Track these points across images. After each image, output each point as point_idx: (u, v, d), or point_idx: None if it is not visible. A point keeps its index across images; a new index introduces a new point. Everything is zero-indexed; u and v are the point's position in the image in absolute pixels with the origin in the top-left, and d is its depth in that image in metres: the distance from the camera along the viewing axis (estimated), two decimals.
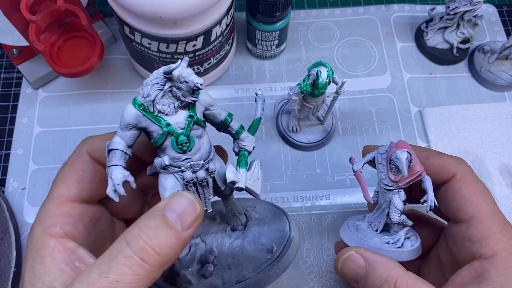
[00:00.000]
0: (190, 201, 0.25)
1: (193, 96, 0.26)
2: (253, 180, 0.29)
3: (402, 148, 0.31)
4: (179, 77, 0.25)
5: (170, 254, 0.24)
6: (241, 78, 0.56)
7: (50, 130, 0.52)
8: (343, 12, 0.60)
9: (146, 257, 0.23)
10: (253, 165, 0.30)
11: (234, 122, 0.30)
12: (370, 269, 0.30)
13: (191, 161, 0.28)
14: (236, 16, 0.57)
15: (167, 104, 0.26)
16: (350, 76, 0.56)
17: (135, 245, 0.23)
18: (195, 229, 0.25)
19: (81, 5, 0.47)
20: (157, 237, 0.23)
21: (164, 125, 0.26)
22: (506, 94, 0.55)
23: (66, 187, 0.29)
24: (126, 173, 0.26)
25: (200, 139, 0.28)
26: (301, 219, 0.48)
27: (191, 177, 0.28)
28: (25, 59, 0.53)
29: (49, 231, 0.27)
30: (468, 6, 0.51)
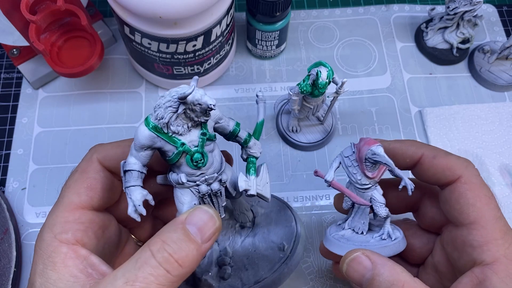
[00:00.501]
0: (209, 215, 0.27)
1: (206, 115, 0.27)
2: (262, 185, 0.31)
3: (374, 143, 0.31)
4: (193, 100, 0.26)
5: (192, 265, 0.26)
6: (241, 78, 0.56)
7: (50, 130, 0.52)
8: (343, 12, 0.60)
9: (170, 269, 0.24)
10: (261, 170, 0.32)
11: (242, 131, 0.31)
12: (376, 272, 0.29)
13: (205, 175, 0.29)
14: (236, 16, 0.57)
15: (181, 125, 0.27)
16: (350, 76, 0.56)
17: (161, 257, 0.24)
18: (214, 241, 0.27)
19: (81, 5, 0.47)
20: (180, 250, 0.25)
21: (179, 145, 0.27)
22: (506, 94, 0.55)
23: (77, 194, 0.29)
24: (144, 192, 0.28)
25: (212, 153, 0.29)
26: (301, 219, 0.48)
27: (207, 190, 0.29)
28: (25, 59, 0.53)
29: (61, 237, 0.27)
30: (468, 6, 0.52)
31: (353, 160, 0.32)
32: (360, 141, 0.32)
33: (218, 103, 0.53)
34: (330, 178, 0.34)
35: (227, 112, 0.53)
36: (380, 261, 0.29)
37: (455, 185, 0.31)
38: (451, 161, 0.32)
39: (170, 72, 0.50)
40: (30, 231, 0.47)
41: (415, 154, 0.33)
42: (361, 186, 0.33)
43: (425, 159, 0.33)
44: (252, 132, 0.33)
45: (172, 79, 0.51)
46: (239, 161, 0.51)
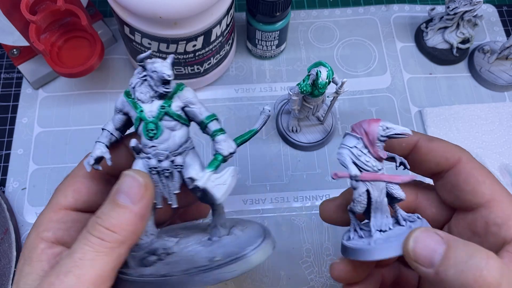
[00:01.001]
0: (131, 176, 0.27)
1: (164, 87, 0.28)
2: (216, 183, 0.29)
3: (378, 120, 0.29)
4: (151, 67, 0.28)
5: (128, 229, 0.26)
6: (241, 78, 0.56)
7: (50, 130, 0.52)
8: (343, 12, 0.60)
9: (103, 236, 0.25)
10: (225, 170, 0.30)
11: (214, 123, 0.30)
12: (449, 245, 0.25)
13: (157, 149, 0.29)
14: (236, 16, 0.57)
15: (144, 92, 0.28)
16: (350, 76, 0.56)
17: (92, 229, 0.25)
18: (147, 200, 0.27)
19: (81, 5, 0.47)
20: (109, 218, 0.26)
21: (138, 111, 0.29)
22: (506, 94, 0.55)
23: (64, 196, 0.30)
24: (104, 150, 0.29)
25: (172, 131, 0.29)
26: (301, 219, 0.48)
27: (155, 165, 0.29)
28: (25, 59, 0.53)
29: (42, 235, 0.29)
30: (468, 6, 0.52)
31: (362, 147, 0.29)
32: (359, 126, 0.30)
33: (218, 103, 0.54)
34: (357, 172, 0.29)
35: (227, 112, 0.53)
36: (451, 236, 0.25)
37: (459, 167, 0.30)
38: (448, 145, 0.31)
39: None
40: None
41: (411, 139, 0.32)
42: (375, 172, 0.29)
43: (422, 143, 0.31)
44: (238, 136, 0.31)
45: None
46: None
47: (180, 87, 0.29)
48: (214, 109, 0.53)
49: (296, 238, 0.47)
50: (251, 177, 0.50)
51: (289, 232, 0.47)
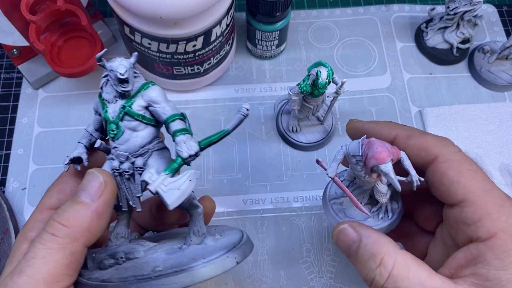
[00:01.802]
0: (92, 174, 0.27)
1: (122, 86, 0.28)
2: (169, 188, 0.27)
3: (384, 159, 0.28)
4: (109, 65, 0.27)
5: (82, 225, 0.26)
6: (241, 78, 0.56)
7: (50, 130, 0.52)
8: (343, 12, 0.60)
9: (55, 231, 0.25)
10: (183, 174, 0.28)
11: (176, 123, 0.28)
12: (360, 243, 0.30)
13: (118, 150, 0.28)
14: (236, 16, 0.57)
15: (109, 92, 0.28)
16: (350, 76, 0.56)
17: (47, 224, 0.26)
18: (106, 197, 0.27)
19: (81, 5, 0.47)
20: (64, 213, 0.26)
21: (104, 111, 0.29)
22: (506, 94, 0.55)
23: (49, 196, 0.31)
24: (82, 151, 0.30)
25: (134, 132, 0.28)
26: (301, 219, 0.48)
27: (116, 166, 0.29)
28: (25, 59, 0.53)
29: (26, 235, 0.29)
30: (468, 6, 0.52)
31: (360, 160, 0.30)
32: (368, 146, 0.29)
33: (218, 103, 0.54)
34: (332, 174, 0.31)
35: (227, 112, 0.53)
36: (365, 233, 0.30)
37: (434, 166, 0.30)
38: (427, 140, 0.31)
39: (170, 72, 0.50)
40: None
41: (388, 136, 0.32)
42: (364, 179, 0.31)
43: (399, 140, 0.32)
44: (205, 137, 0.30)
45: (172, 79, 0.51)
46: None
47: (145, 86, 0.29)
48: (214, 109, 0.53)
49: (296, 238, 0.47)
50: (251, 177, 0.50)
51: (289, 232, 0.47)
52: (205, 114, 0.53)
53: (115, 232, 0.31)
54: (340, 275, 0.45)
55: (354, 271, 0.37)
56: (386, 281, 0.27)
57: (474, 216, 0.28)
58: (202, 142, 0.29)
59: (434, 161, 0.30)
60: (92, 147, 0.31)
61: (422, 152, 0.31)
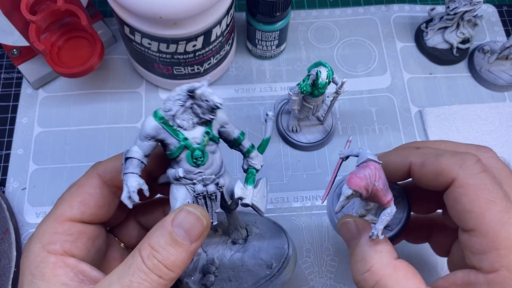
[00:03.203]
0: (196, 216, 0.27)
1: (212, 114, 0.28)
2: (259, 198, 0.31)
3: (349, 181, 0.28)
4: (201, 95, 0.27)
5: (182, 267, 0.27)
6: (241, 78, 0.56)
7: (50, 130, 0.52)
8: (343, 12, 0.60)
9: (162, 274, 0.26)
10: (260, 183, 0.32)
11: (245, 140, 0.31)
12: (358, 242, 0.30)
13: (203, 175, 0.29)
14: (236, 16, 0.57)
15: (186, 119, 0.28)
16: (350, 76, 0.56)
17: (151, 264, 0.26)
18: (202, 240, 0.28)
19: (81, 5, 0.47)
20: (169, 256, 0.26)
21: (182, 139, 0.28)
22: (506, 94, 0.55)
23: (70, 207, 0.29)
24: (141, 181, 0.28)
25: (214, 154, 0.29)
26: (301, 219, 0.48)
27: (202, 190, 0.29)
28: (25, 59, 0.53)
29: (49, 248, 0.27)
30: (468, 6, 0.52)
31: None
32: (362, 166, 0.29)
33: None
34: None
35: (227, 112, 0.53)
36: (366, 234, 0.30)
37: (449, 191, 0.29)
38: (442, 163, 0.29)
39: (170, 72, 0.50)
40: (30, 231, 0.47)
41: (403, 166, 0.31)
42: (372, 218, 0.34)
43: (414, 169, 0.30)
44: (257, 145, 0.33)
45: (172, 79, 0.51)
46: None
47: None
48: None
49: (296, 238, 0.47)
50: None
51: (289, 232, 0.47)
52: None
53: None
54: (340, 275, 0.45)
55: None
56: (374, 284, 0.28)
57: (480, 248, 0.27)
58: (261, 152, 0.33)
59: (452, 185, 0.28)
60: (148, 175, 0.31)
61: (440, 178, 0.29)
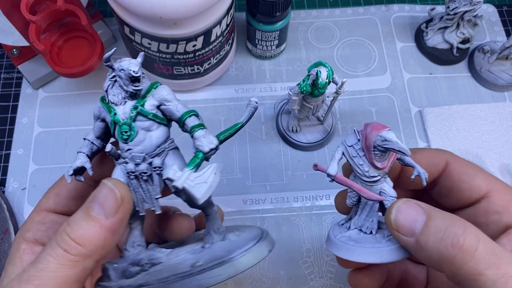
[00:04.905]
0: (108, 188, 0.26)
1: (134, 85, 0.27)
2: (196, 182, 0.27)
3: (382, 128, 0.27)
4: (118, 65, 0.27)
5: (96, 243, 0.25)
6: (241, 78, 0.56)
7: (50, 130, 0.52)
8: (343, 12, 0.60)
9: (68, 248, 0.24)
10: (207, 168, 0.27)
11: (192, 119, 0.28)
12: (430, 214, 0.26)
13: (132, 152, 0.28)
14: (236, 16, 0.57)
15: (116, 94, 0.28)
16: (350, 76, 0.56)
17: (59, 238, 0.25)
18: (122, 215, 0.26)
19: (81, 5, 0.47)
20: (78, 229, 0.25)
21: (112, 114, 0.28)
22: (506, 94, 0.55)
23: (46, 198, 0.31)
24: (84, 160, 0.29)
25: (148, 132, 0.28)
26: (301, 219, 0.48)
27: (132, 169, 0.28)
28: (25, 59, 0.53)
29: (24, 236, 0.29)
30: (468, 6, 0.52)
31: (359, 149, 0.28)
32: (366, 127, 0.28)
33: (218, 103, 0.54)
34: (334, 171, 0.29)
35: (227, 112, 0.53)
36: (431, 207, 0.26)
37: (450, 168, 0.30)
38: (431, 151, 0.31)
39: (170, 72, 0.50)
40: None
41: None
42: (369, 179, 0.29)
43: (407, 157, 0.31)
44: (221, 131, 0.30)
45: (172, 79, 0.51)
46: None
47: (154, 85, 0.28)
48: (214, 109, 0.53)
49: (296, 238, 0.47)
50: (251, 177, 0.50)
51: (289, 232, 0.47)
52: (205, 114, 0.53)
53: (130, 240, 0.30)
54: (340, 275, 0.45)
55: None
56: (478, 244, 0.24)
57: (504, 202, 0.28)
58: (219, 136, 0.29)
59: (448, 164, 0.30)
60: (93, 156, 0.30)
61: (435, 160, 0.31)
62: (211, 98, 0.54)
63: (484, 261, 0.23)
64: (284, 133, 0.51)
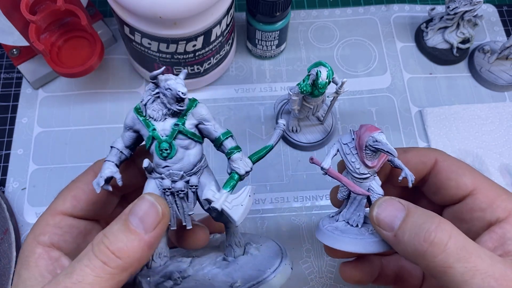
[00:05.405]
0: (150, 203, 0.26)
1: (178, 105, 0.27)
2: (233, 205, 0.28)
3: (375, 130, 0.29)
4: (164, 84, 0.27)
5: (134, 256, 0.25)
6: (241, 78, 0.56)
7: (50, 130, 0.52)
8: (343, 12, 0.60)
9: (107, 260, 0.24)
10: (242, 190, 0.29)
11: (229, 141, 0.29)
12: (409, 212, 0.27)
13: (170, 169, 0.28)
14: (236, 16, 0.57)
15: (156, 110, 0.28)
16: (350, 76, 0.56)
17: (97, 249, 0.24)
18: (161, 230, 0.26)
19: (81, 5, 0.47)
20: (118, 241, 0.24)
21: (151, 130, 0.28)
22: (506, 94, 0.55)
23: (63, 201, 0.30)
24: (114, 170, 0.28)
25: (187, 150, 0.28)
26: (301, 219, 0.48)
27: (168, 186, 0.28)
28: (25, 59, 0.53)
29: (38, 239, 0.28)
30: (468, 6, 0.51)
31: (352, 147, 0.31)
32: (361, 127, 0.30)
33: (218, 103, 0.54)
34: (327, 165, 0.31)
35: (227, 112, 0.53)
36: (411, 205, 0.28)
37: (438, 166, 0.31)
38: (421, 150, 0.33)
39: (170, 72, 0.50)
40: None
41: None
42: (359, 175, 0.31)
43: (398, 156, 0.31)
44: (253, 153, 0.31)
45: None
46: None
47: (193, 104, 0.29)
48: (214, 109, 0.53)
49: (296, 238, 0.47)
50: (251, 177, 0.50)
51: (289, 232, 0.47)
52: None
53: (156, 251, 0.30)
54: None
55: None
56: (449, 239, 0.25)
57: (488, 200, 0.29)
58: (252, 158, 0.30)
59: (436, 162, 0.31)
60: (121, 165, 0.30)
61: (424, 158, 0.32)
62: (211, 98, 0.54)
63: (453, 255, 0.25)
64: (284, 133, 0.51)
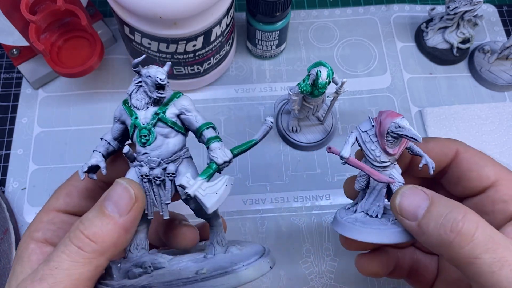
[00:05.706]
0: (123, 186, 0.26)
1: (158, 92, 0.28)
2: (208, 192, 0.28)
3: (398, 116, 0.28)
4: (145, 72, 0.28)
5: (109, 240, 0.25)
6: (241, 78, 0.56)
7: (50, 130, 0.52)
8: (343, 12, 0.60)
9: (82, 245, 0.24)
10: (219, 179, 0.28)
11: (210, 131, 0.29)
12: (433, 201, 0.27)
13: (149, 156, 0.28)
14: (236, 16, 0.57)
15: (140, 99, 0.29)
16: (350, 76, 0.56)
17: (73, 235, 0.25)
18: (135, 213, 0.26)
19: (81, 5, 0.47)
20: (92, 226, 0.25)
21: (133, 118, 0.29)
22: (506, 94, 0.55)
23: (56, 198, 0.31)
24: (100, 159, 0.29)
25: (166, 138, 0.29)
26: (301, 219, 0.48)
27: (146, 172, 0.28)
28: (25, 59, 0.53)
29: (32, 235, 0.29)
30: (468, 6, 0.51)
31: (372, 135, 0.30)
32: (380, 114, 0.29)
33: (218, 103, 0.54)
34: (347, 154, 0.30)
35: (227, 112, 0.53)
36: (435, 194, 0.27)
37: (459, 158, 0.31)
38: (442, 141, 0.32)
39: (170, 72, 0.50)
40: None
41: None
42: (379, 164, 0.30)
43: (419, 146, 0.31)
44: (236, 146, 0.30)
45: (172, 79, 0.51)
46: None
47: (176, 95, 0.29)
48: (214, 109, 0.53)
49: (296, 238, 0.47)
50: (251, 177, 0.50)
51: (289, 232, 0.47)
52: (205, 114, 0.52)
53: (134, 243, 0.30)
54: (340, 275, 0.45)
55: (354, 271, 0.37)
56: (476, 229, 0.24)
57: (511, 192, 0.29)
58: (234, 150, 0.30)
59: (458, 153, 0.31)
60: (109, 156, 0.30)
61: (445, 149, 0.31)
62: (211, 98, 0.54)
63: (481, 246, 0.24)
64: (284, 133, 0.51)
